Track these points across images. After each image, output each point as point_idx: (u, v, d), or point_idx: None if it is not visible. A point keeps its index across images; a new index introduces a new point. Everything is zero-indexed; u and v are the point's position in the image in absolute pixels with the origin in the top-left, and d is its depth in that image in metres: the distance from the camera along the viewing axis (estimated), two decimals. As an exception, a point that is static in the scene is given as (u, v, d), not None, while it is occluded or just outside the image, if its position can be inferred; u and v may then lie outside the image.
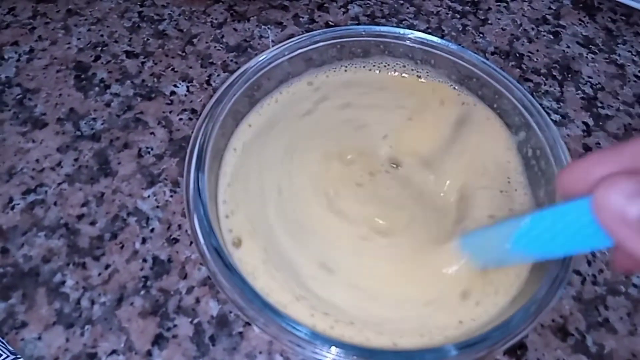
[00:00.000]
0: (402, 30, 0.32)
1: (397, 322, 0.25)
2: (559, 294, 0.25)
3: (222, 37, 0.43)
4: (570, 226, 0.19)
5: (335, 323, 0.25)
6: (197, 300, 0.31)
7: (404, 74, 0.34)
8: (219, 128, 0.28)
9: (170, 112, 0.39)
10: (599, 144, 0.39)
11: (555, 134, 0.28)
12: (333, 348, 0.23)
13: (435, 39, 0.31)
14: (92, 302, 0.31)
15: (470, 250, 0.26)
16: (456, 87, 0.33)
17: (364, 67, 0.34)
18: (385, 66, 0.34)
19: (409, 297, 0.26)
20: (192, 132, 0.29)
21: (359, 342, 0.25)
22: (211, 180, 0.28)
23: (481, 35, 0.45)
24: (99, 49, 0.42)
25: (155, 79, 0.40)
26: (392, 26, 0.36)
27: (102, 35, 0.43)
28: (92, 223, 0.33)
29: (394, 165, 0.31)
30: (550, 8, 0.48)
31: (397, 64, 0.34)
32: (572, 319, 0.32)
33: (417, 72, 0.34)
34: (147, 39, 0.43)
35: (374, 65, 0.34)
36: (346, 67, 0.34)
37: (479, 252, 0.26)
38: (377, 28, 0.32)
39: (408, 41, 0.32)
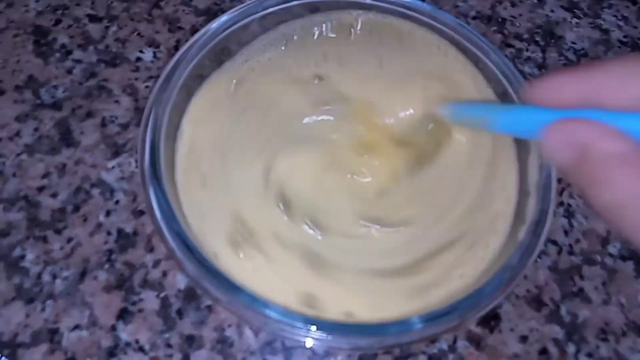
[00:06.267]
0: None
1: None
2: (531, 261, 0.24)
3: (191, 0, 0.41)
4: (528, 123, 0.20)
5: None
6: (164, 274, 0.30)
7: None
8: (177, 95, 0.27)
9: (136, 79, 0.37)
10: (580, 111, 0.38)
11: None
12: (301, 324, 0.22)
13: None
14: (54, 277, 0.29)
15: (454, 115, 0.27)
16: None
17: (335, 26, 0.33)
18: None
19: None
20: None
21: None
22: (169, 151, 0.27)
23: (463, -1, 0.44)
24: (60, 12, 0.39)
25: (120, 45, 0.38)
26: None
27: (63, -2, 0.40)
28: (54, 195, 0.32)
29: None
30: (535, -29, 0.46)
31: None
32: (547, 289, 0.31)
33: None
34: (111, 2, 0.40)
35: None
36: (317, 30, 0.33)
37: (461, 118, 0.27)
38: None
39: (382, 2, 0.30)
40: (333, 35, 0.32)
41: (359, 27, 0.32)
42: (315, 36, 0.32)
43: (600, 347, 0.30)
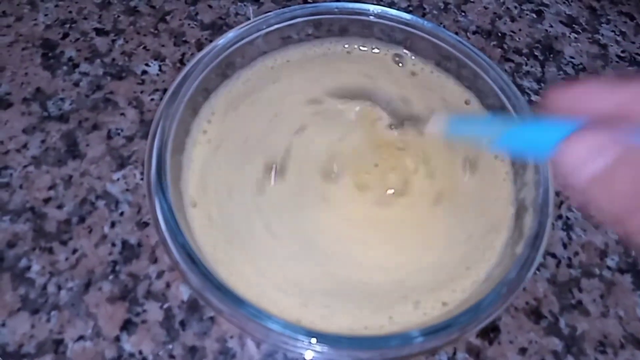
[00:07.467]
0: (375, 8, 0.31)
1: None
2: (529, 275, 0.25)
3: (197, 14, 0.42)
4: (540, 139, 0.19)
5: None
6: (168, 285, 0.30)
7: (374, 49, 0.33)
8: (184, 108, 0.27)
9: (141, 92, 0.37)
10: (579, 125, 0.39)
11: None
12: (303, 337, 0.23)
13: (410, 16, 0.30)
14: (59, 288, 0.30)
15: (454, 132, 0.26)
16: (433, 71, 0.33)
17: (339, 46, 0.33)
18: (360, 46, 0.33)
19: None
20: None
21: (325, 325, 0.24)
22: (175, 164, 0.27)
23: (463, 13, 0.44)
24: (67, 25, 0.40)
25: (126, 58, 0.39)
26: (370, 3, 0.35)
27: (70, 12, 0.41)
28: (60, 207, 0.32)
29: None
30: (534, -14, 0.47)
31: (371, 43, 0.33)
32: (545, 302, 0.32)
33: (394, 52, 0.33)
34: (118, 16, 0.41)
35: (346, 46, 0.33)
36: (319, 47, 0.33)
37: (460, 134, 0.26)
38: (352, 5, 0.31)
39: (384, 19, 0.31)
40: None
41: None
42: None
43: (598, 359, 0.30)
